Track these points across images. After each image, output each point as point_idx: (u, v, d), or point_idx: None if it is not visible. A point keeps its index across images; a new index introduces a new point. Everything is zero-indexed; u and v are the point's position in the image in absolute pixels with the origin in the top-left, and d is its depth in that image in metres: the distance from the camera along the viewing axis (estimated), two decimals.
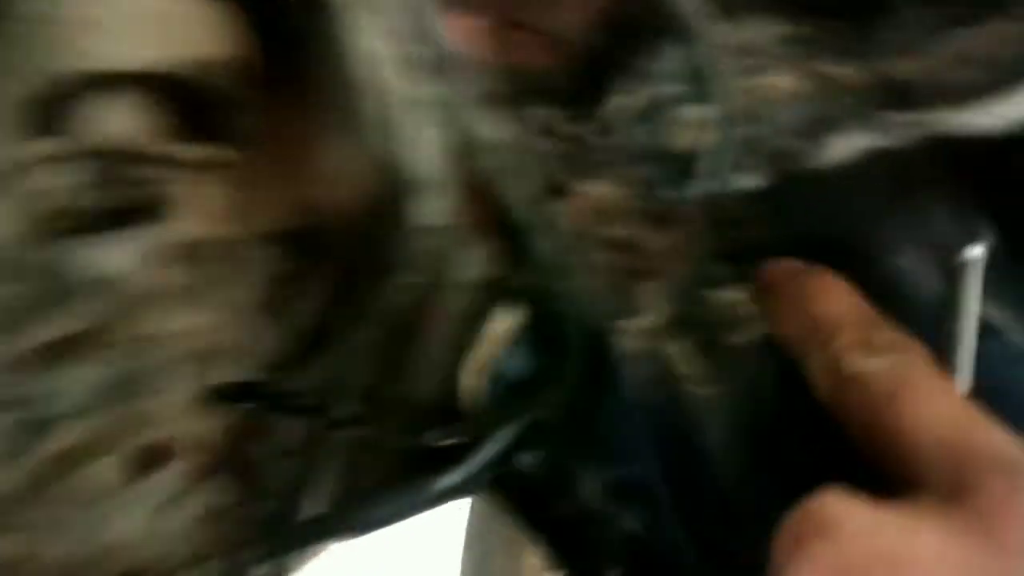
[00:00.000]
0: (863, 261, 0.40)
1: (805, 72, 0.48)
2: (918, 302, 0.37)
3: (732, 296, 0.42)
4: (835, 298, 0.36)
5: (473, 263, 0.61)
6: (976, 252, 0.35)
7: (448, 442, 0.53)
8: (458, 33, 0.46)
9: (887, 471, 0.29)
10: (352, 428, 0.64)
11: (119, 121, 0.37)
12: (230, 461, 0.78)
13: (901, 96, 0.48)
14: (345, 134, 0.54)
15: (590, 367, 0.42)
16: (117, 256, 0.35)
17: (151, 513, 0.40)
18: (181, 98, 0.39)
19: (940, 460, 0.26)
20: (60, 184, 0.35)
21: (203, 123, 0.42)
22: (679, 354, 0.42)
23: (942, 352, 0.33)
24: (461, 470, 0.48)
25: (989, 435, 0.28)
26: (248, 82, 0.40)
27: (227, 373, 0.67)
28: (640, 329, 0.42)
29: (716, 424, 0.39)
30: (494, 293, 0.52)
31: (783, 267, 0.40)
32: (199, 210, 0.38)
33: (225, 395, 0.71)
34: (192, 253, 0.38)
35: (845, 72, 0.49)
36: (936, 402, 0.27)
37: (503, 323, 0.58)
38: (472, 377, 0.62)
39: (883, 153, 0.44)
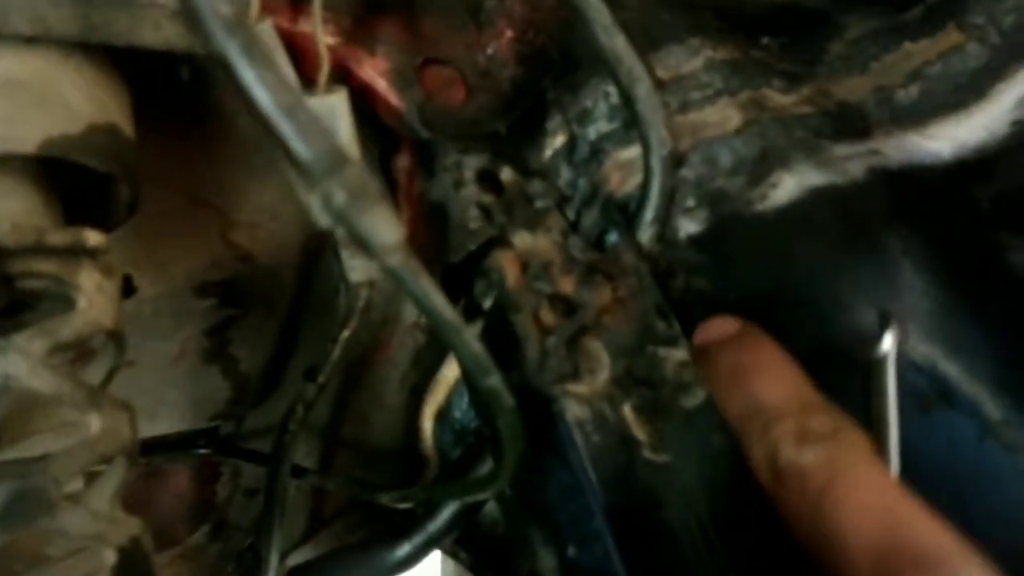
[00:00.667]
0: (813, 318, 0.38)
1: (748, 103, 0.45)
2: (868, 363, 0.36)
3: (680, 355, 0.40)
4: (773, 377, 0.34)
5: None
6: (887, 344, 0.34)
7: (403, 505, 0.51)
8: (372, 76, 0.43)
9: (820, 563, 0.28)
10: (312, 475, 0.62)
11: (2, 207, 0.35)
12: (196, 504, 0.77)
13: (852, 123, 0.46)
14: (263, 182, 0.51)
15: (535, 435, 0.40)
16: (14, 358, 0.33)
17: None
18: (62, 176, 0.37)
19: (866, 559, 0.24)
20: None
21: (88, 196, 0.39)
22: (631, 417, 0.40)
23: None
24: (414, 539, 0.47)
25: (916, 531, 0.27)
26: (129, 146, 0.37)
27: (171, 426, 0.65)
28: (587, 392, 0.40)
29: (673, 497, 0.37)
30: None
31: (718, 328, 0.38)
32: (103, 290, 0.35)
33: (176, 445, 0.69)
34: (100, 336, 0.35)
35: (791, 100, 0.47)
36: (866, 497, 0.27)
37: (454, 367, 0.56)
38: (429, 420, 0.61)
39: (830, 191, 0.42)
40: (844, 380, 0.35)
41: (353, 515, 0.69)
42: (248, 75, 0.23)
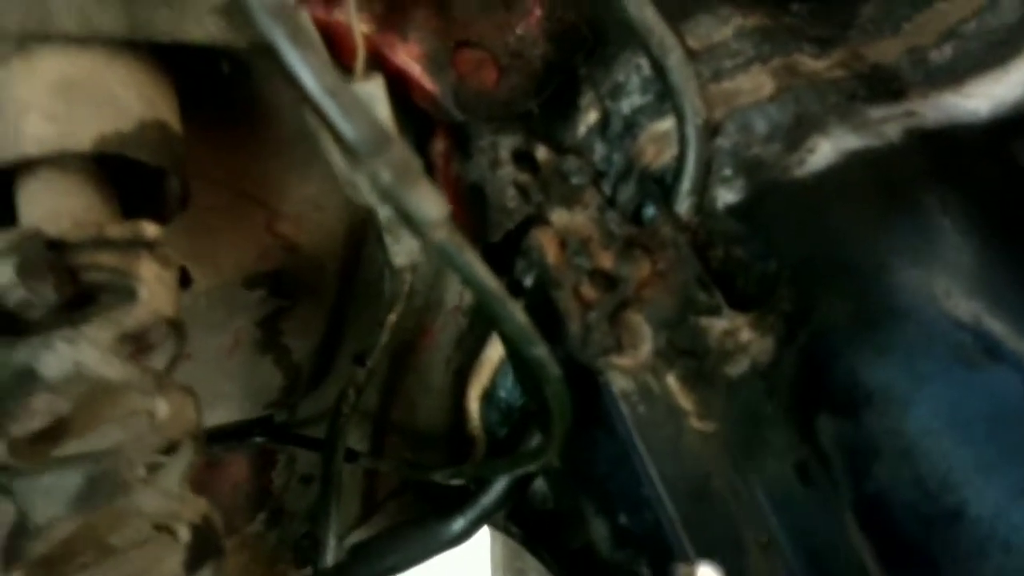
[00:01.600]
0: (856, 279, 0.38)
1: (780, 70, 0.45)
2: (921, 321, 0.35)
3: (723, 324, 0.40)
4: None
5: (458, 289, 0.60)
6: None
7: (455, 482, 0.52)
8: (406, 62, 0.44)
9: None
10: (365, 458, 0.63)
11: (63, 204, 0.36)
12: (254, 492, 0.79)
13: (886, 85, 0.46)
14: (305, 174, 0.53)
15: (582, 409, 0.40)
16: (85, 348, 0.34)
17: None
18: (117, 171, 0.38)
19: None
20: (10, 281, 0.33)
21: (142, 190, 0.41)
22: (676, 387, 0.40)
23: None
24: (468, 514, 0.48)
25: None
26: (178, 141, 0.39)
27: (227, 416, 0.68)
28: (631, 364, 0.40)
29: (721, 465, 0.37)
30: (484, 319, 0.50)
31: None
32: (162, 281, 0.36)
33: (233, 435, 0.71)
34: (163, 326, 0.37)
35: (824, 64, 0.46)
36: None
37: (498, 348, 0.57)
38: (475, 402, 0.62)
39: (867, 154, 0.42)
40: (889, 340, 0.35)
41: (405, 497, 0.71)
42: (295, 58, 0.24)
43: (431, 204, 0.26)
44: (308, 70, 0.24)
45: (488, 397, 0.54)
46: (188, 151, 0.44)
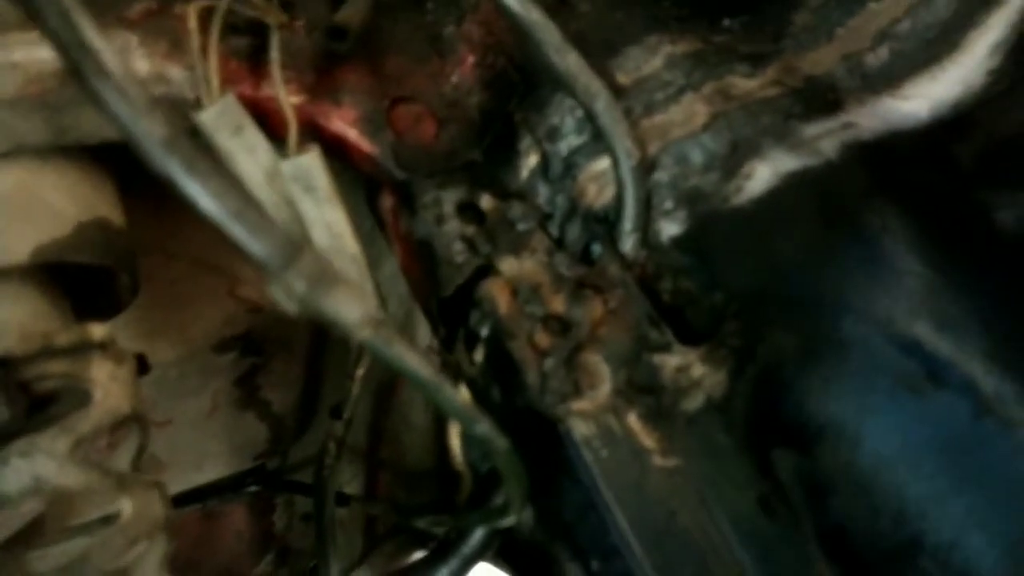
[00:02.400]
0: (799, 310, 0.38)
1: (713, 95, 0.45)
2: (865, 350, 0.35)
3: (675, 361, 0.40)
4: None
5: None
6: None
7: (436, 529, 0.53)
8: (341, 128, 0.44)
9: None
10: (356, 502, 0.64)
11: (10, 316, 0.37)
12: (257, 537, 0.80)
13: (822, 97, 0.45)
14: None
15: (546, 456, 0.41)
16: (41, 460, 0.35)
17: None
18: (66, 269, 0.38)
19: None
20: None
21: (94, 281, 0.41)
22: (637, 426, 0.40)
23: None
24: (451, 564, 0.48)
25: None
26: (119, 236, 0.39)
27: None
28: (591, 408, 0.40)
29: (686, 501, 0.38)
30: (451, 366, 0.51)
31: None
32: (116, 379, 0.37)
33: (227, 487, 0.72)
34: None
35: (758, 83, 0.46)
36: None
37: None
38: (456, 439, 0.62)
39: (805, 175, 0.42)
40: (834, 372, 0.35)
41: (401, 537, 0.71)
42: (193, 189, 0.24)
43: (350, 307, 0.27)
44: (208, 198, 0.24)
45: (467, 435, 0.54)
46: (141, 228, 0.44)
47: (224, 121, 0.40)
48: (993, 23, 0.43)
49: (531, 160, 0.46)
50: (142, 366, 0.43)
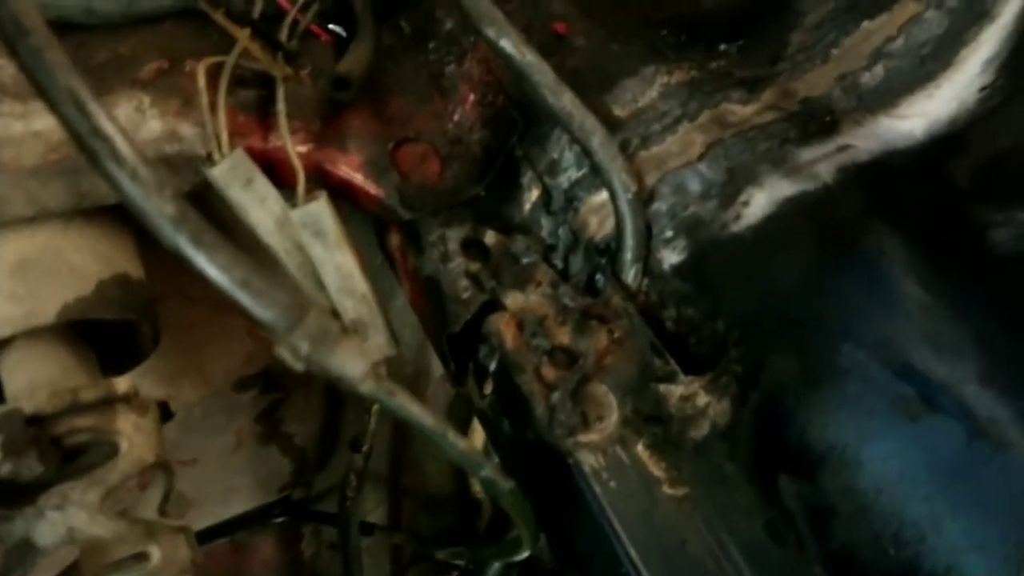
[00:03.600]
0: (799, 337, 0.38)
1: (709, 124, 0.46)
2: (862, 376, 0.36)
3: (680, 390, 0.41)
4: None
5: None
6: None
7: (458, 562, 0.54)
8: (348, 173, 0.46)
9: None
10: (379, 531, 0.66)
11: (39, 373, 0.39)
12: (285, 566, 0.82)
13: (818, 120, 0.46)
14: (274, 276, 0.55)
15: (557, 488, 0.42)
16: (74, 512, 0.37)
17: None
18: (89, 328, 0.40)
19: None
20: None
21: (116, 339, 0.43)
22: (645, 455, 0.41)
23: None
24: None
25: None
26: (139, 289, 0.41)
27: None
28: (599, 439, 0.41)
29: (696, 529, 0.38)
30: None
31: None
32: (141, 429, 0.38)
33: (254, 519, 0.73)
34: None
35: (753, 109, 0.47)
36: None
37: None
38: None
39: (802, 199, 0.42)
40: (833, 399, 0.35)
41: (425, 564, 0.73)
42: (201, 262, 0.26)
43: (352, 363, 0.28)
44: (216, 270, 0.26)
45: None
46: (160, 275, 0.46)
47: (235, 175, 0.42)
48: (984, 39, 0.44)
49: (533, 194, 0.47)
50: (165, 413, 0.45)
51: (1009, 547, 0.29)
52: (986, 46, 0.44)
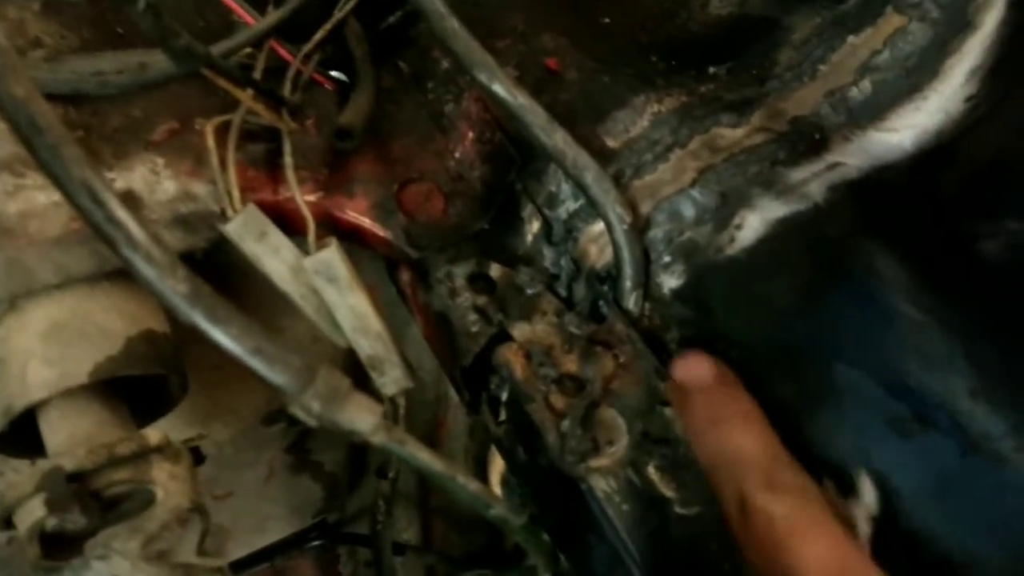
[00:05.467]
0: (795, 359, 0.40)
1: (700, 149, 0.47)
2: (858, 396, 0.37)
3: None
4: (745, 429, 0.36)
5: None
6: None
7: None
8: (355, 218, 0.48)
9: None
10: (411, 552, 0.68)
11: (77, 429, 0.41)
12: None
13: (808, 139, 0.47)
14: (294, 317, 0.57)
15: (572, 513, 0.43)
16: (117, 562, 0.39)
17: None
18: (121, 383, 0.42)
19: None
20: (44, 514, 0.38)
21: (147, 390, 0.45)
22: (656, 476, 0.42)
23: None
24: None
25: None
26: (165, 343, 0.43)
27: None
28: (610, 463, 0.43)
29: (707, 548, 0.40)
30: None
31: (694, 369, 0.40)
32: (175, 477, 0.41)
33: (292, 544, 0.76)
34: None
35: (743, 132, 0.48)
36: (823, 547, 0.31)
37: None
38: (498, 486, 0.65)
39: (794, 220, 0.43)
40: (832, 420, 0.37)
41: None
42: (216, 335, 0.28)
43: (362, 418, 0.30)
44: (230, 341, 0.28)
45: (506, 482, 0.57)
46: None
47: (248, 229, 0.44)
48: (968, 49, 0.45)
49: (534, 226, 0.49)
50: (197, 458, 0.47)
51: (1006, 563, 0.31)
52: (969, 56, 0.45)
